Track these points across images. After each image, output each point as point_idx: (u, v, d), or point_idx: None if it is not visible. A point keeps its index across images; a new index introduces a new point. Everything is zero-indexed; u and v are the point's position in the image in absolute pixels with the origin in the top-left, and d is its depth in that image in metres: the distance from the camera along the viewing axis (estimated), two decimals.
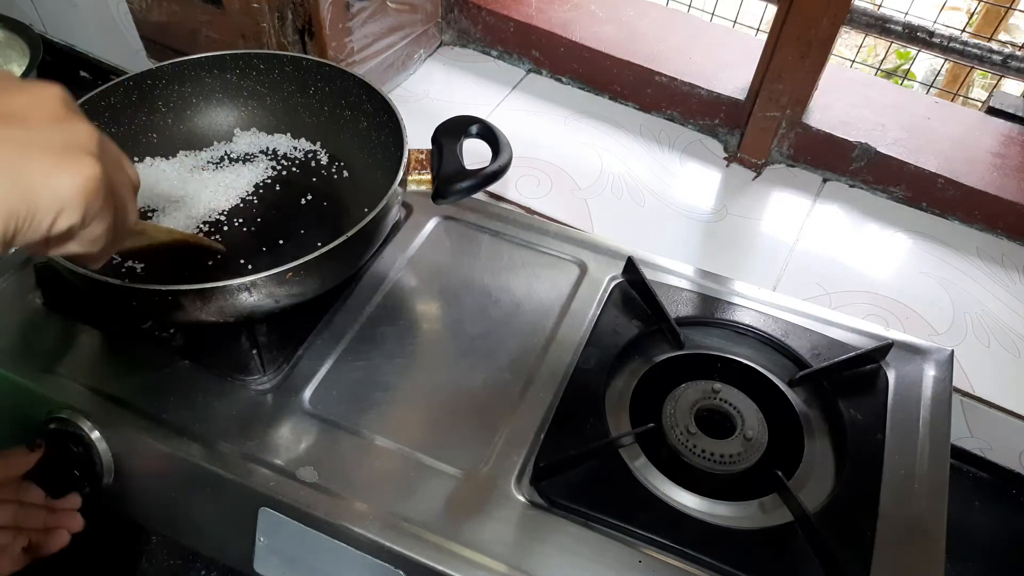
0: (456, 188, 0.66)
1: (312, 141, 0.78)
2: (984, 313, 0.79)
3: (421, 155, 0.68)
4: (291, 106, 0.78)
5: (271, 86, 0.77)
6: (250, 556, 0.60)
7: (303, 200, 0.73)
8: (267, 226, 0.71)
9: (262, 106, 0.78)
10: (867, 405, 0.64)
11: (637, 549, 0.55)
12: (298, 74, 0.76)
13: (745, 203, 0.89)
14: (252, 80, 0.77)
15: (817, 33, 0.80)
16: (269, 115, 0.78)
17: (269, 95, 0.78)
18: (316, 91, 0.76)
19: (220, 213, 0.71)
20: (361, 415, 0.62)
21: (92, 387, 0.63)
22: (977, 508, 0.77)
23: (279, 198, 0.73)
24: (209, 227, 0.70)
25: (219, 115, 0.78)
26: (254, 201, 0.73)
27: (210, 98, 0.77)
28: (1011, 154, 0.88)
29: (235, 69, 0.76)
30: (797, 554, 0.55)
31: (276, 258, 0.68)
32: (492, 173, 0.66)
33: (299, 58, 0.75)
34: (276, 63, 0.76)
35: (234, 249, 0.68)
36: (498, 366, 0.66)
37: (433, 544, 0.55)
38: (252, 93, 0.77)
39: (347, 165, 0.76)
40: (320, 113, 0.77)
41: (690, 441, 0.59)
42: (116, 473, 0.62)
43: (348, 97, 0.75)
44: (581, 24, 0.99)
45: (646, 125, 0.97)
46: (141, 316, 0.67)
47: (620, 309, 0.70)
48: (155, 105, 0.74)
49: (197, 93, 0.76)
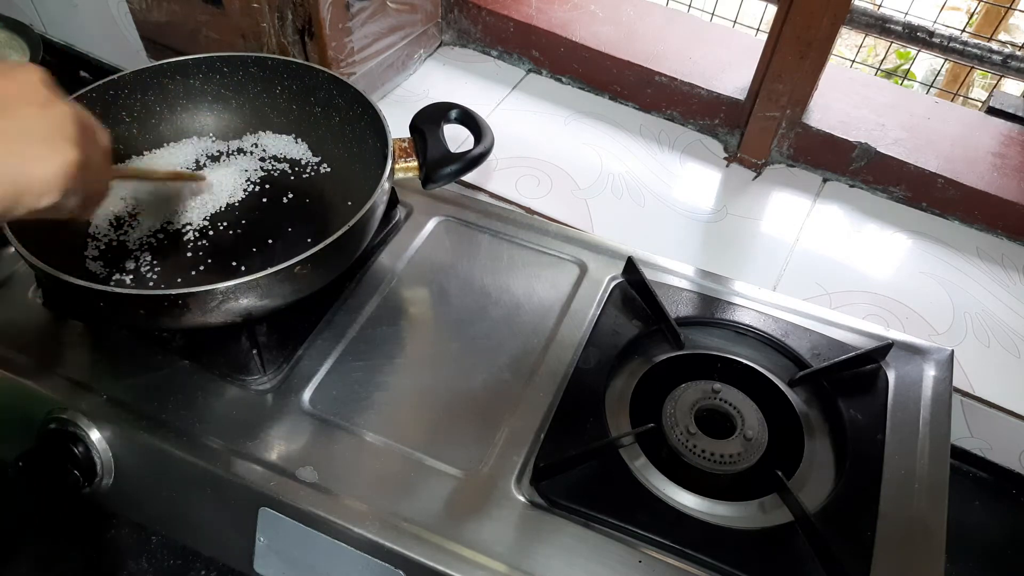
0: (444, 172, 0.67)
1: (288, 138, 0.77)
2: (984, 313, 0.79)
3: (404, 143, 0.69)
4: (258, 106, 0.77)
5: (236, 88, 0.76)
6: (250, 556, 0.60)
7: (284, 199, 0.73)
8: (253, 227, 0.71)
9: (228, 108, 0.77)
10: (867, 405, 0.64)
11: (637, 549, 0.55)
12: (263, 74, 0.75)
13: (745, 203, 0.89)
14: (216, 84, 0.76)
15: (817, 33, 0.80)
16: (236, 118, 0.78)
17: (235, 97, 0.77)
18: (283, 89, 0.76)
19: (203, 219, 0.71)
20: (361, 415, 0.62)
21: (92, 387, 0.63)
22: (977, 508, 0.77)
23: (259, 199, 0.73)
24: (193, 233, 0.70)
25: (185, 121, 0.77)
26: (235, 205, 0.72)
27: (174, 105, 0.76)
28: (1011, 154, 0.88)
29: (198, 74, 0.75)
30: (797, 554, 0.55)
31: (269, 257, 0.68)
32: (479, 155, 0.67)
33: (263, 58, 0.74)
34: (240, 64, 0.75)
35: (224, 253, 0.68)
36: (498, 366, 0.66)
37: (433, 544, 0.55)
38: (217, 96, 0.77)
39: (325, 160, 0.76)
40: (289, 112, 0.77)
41: (690, 441, 0.59)
42: (116, 473, 0.62)
43: (317, 93, 0.74)
44: (581, 24, 0.99)
45: (646, 125, 0.97)
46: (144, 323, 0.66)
47: (620, 309, 0.70)
48: (119, 116, 0.73)
49: (160, 100, 0.75)
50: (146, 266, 0.67)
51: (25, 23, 1.00)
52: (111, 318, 0.65)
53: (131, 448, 0.61)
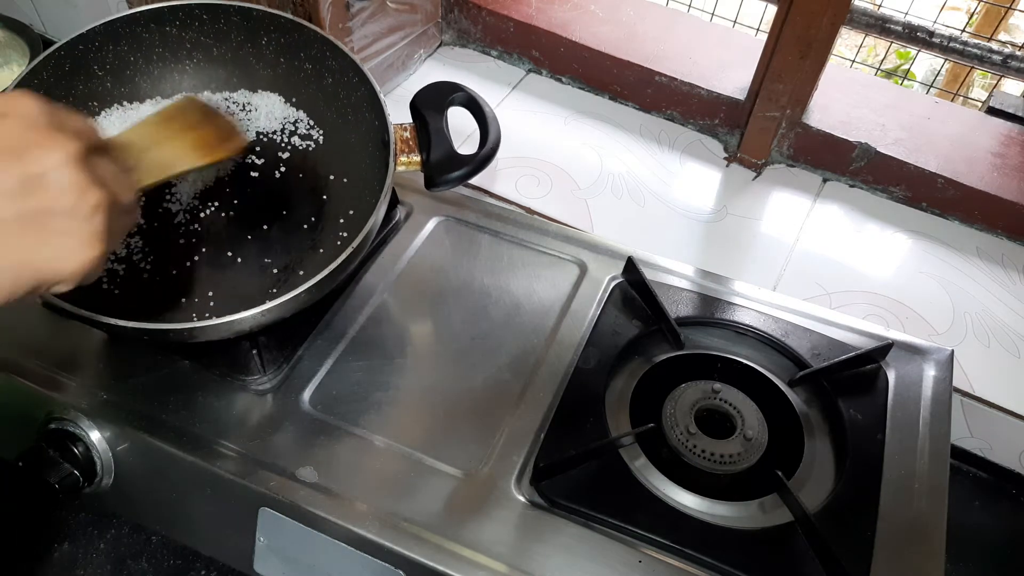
0: (451, 177, 0.64)
1: (276, 96, 0.71)
2: (984, 313, 0.79)
3: (406, 132, 0.65)
4: (242, 57, 0.70)
5: (217, 36, 0.69)
6: (250, 556, 0.60)
7: (276, 174, 0.69)
8: (245, 208, 0.68)
9: (209, 58, 0.70)
10: (867, 405, 0.64)
11: (637, 549, 0.55)
12: (247, 24, 0.69)
13: (745, 203, 0.89)
14: (195, 31, 0.69)
15: (817, 33, 0.80)
16: (220, 69, 0.71)
17: (216, 46, 0.70)
18: (270, 41, 0.69)
19: (193, 197, 0.67)
20: (361, 415, 0.62)
21: (92, 387, 0.63)
22: (977, 508, 0.77)
23: (248, 172, 0.69)
24: (184, 214, 0.67)
25: (164, 72, 0.70)
26: (225, 179, 0.68)
27: (150, 55, 0.69)
28: (1011, 154, 0.88)
29: (175, 21, 0.68)
30: (797, 554, 0.55)
31: (264, 245, 0.66)
32: (485, 157, 0.64)
33: (248, 8, 0.68)
34: (222, 13, 0.68)
35: (217, 240, 0.66)
36: (498, 366, 0.66)
37: (433, 544, 0.55)
38: (196, 45, 0.70)
39: (317, 124, 0.71)
40: (277, 65, 0.70)
41: (690, 441, 0.59)
42: (116, 473, 0.62)
43: (308, 51, 0.68)
44: (581, 24, 0.99)
45: (646, 125, 0.97)
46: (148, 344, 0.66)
47: (620, 309, 0.70)
48: (91, 70, 0.67)
49: (135, 51, 0.68)
50: (138, 254, 0.64)
51: (25, 23, 1.00)
52: (114, 337, 0.65)
53: (131, 448, 0.61)
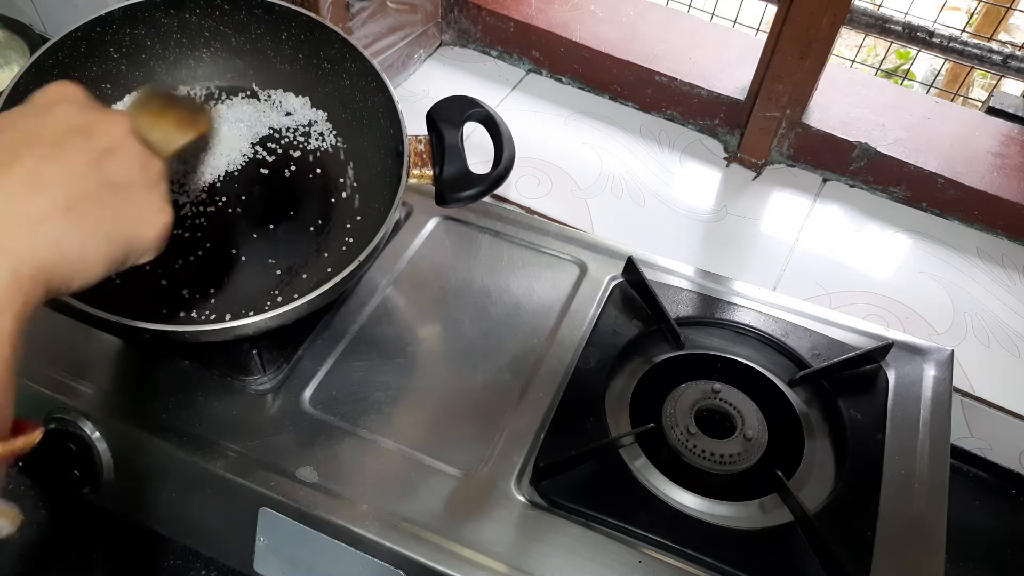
0: (461, 196, 0.63)
1: (292, 94, 0.71)
2: (984, 313, 0.79)
3: (420, 145, 0.65)
4: (261, 49, 0.69)
5: (237, 27, 0.68)
6: (250, 556, 0.60)
7: (287, 172, 0.68)
8: (253, 206, 0.67)
9: (227, 48, 0.69)
10: (867, 405, 0.64)
11: (637, 549, 0.55)
12: (269, 17, 0.68)
13: (745, 203, 0.89)
14: (215, 20, 0.68)
15: (817, 33, 0.80)
16: (238, 60, 0.70)
17: (234, 36, 0.69)
18: (290, 37, 0.68)
19: (202, 190, 0.66)
20: (361, 415, 0.62)
21: (92, 387, 0.63)
22: (977, 508, 0.77)
23: (258, 169, 0.68)
24: (191, 208, 0.66)
25: (180, 58, 0.69)
26: (235, 175, 0.67)
27: (167, 40, 0.68)
28: (1011, 154, 0.88)
29: (195, 8, 0.67)
30: (797, 554, 0.55)
31: (269, 245, 0.66)
32: (498, 177, 0.63)
33: (270, 3, 0.66)
34: (243, 4, 0.67)
35: (223, 236, 0.65)
36: (498, 366, 0.66)
37: (433, 544, 0.55)
38: (216, 34, 0.68)
39: (331, 121, 0.70)
40: (295, 60, 0.69)
41: (690, 441, 0.59)
42: (116, 473, 0.62)
43: (327, 50, 0.67)
44: (581, 24, 0.99)
45: (646, 125, 0.97)
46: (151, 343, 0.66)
47: (620, 309, 0.70)
48: (107, 52, 0.65)
49: (152, 35, 0.67)
50: None
51: (25, 23, 1.00)
52: (114, 336, 0.65)
53: (131, 448, 0.61)
